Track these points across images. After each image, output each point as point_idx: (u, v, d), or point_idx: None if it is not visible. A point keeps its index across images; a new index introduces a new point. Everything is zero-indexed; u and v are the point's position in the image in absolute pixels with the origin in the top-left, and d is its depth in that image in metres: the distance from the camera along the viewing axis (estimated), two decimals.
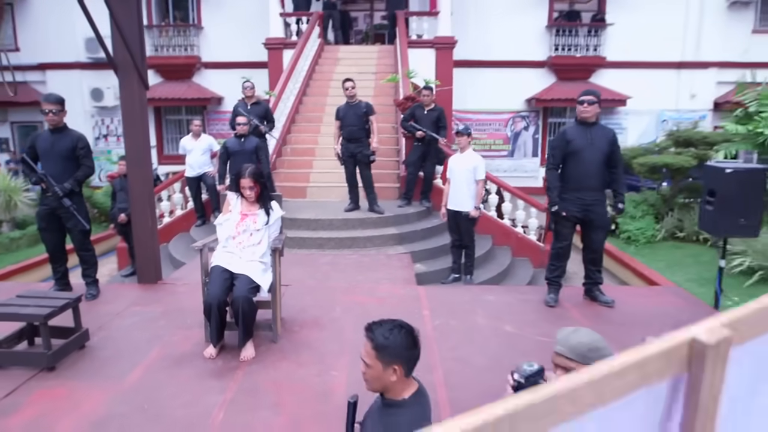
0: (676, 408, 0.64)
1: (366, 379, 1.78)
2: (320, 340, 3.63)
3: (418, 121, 7.16)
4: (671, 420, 0.64)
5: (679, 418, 0.64)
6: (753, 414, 0.73)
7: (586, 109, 4.04)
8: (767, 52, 14.54)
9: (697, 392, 0.63)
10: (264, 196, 3.52)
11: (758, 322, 0.67)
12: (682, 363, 0.63)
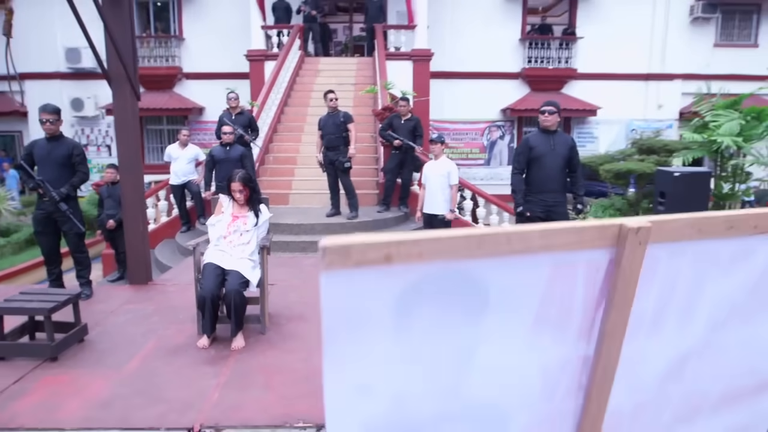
0: (609, 274, 0.86)
1: None
2: (305, 331, 3.92)
3: (396, 131, 7.51)
4: (606, 283, 0.87)
5: (609, 283, 0.87)
6: (666, 303, 0.96)
7: (547, 119, 4.42)
8: (728, 65, 15.29)
9: (620, 264, 0.85)
10: (253, 200, 3.82)
11: (676, 231, 0.90)
12: (613, 239, 0.84)
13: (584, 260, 0.84)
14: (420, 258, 0.68)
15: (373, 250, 0.65)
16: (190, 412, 2.79)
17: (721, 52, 15.98)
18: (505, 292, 0.79)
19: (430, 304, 0.73)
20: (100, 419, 2.73)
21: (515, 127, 15.92)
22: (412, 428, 0.81)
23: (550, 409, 0.93)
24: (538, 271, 0.80)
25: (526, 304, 0.82)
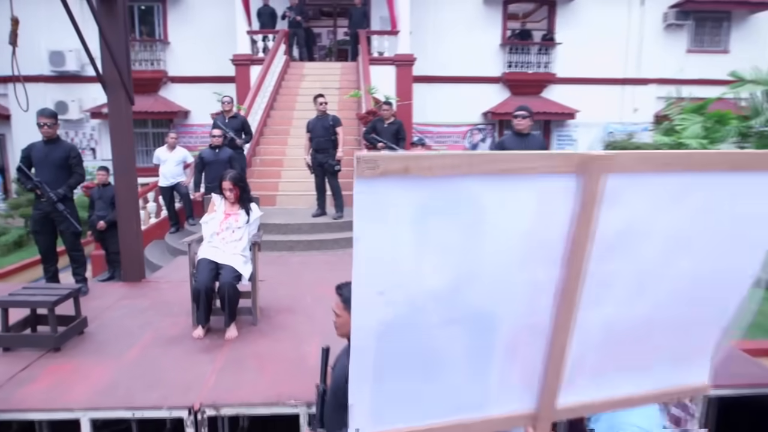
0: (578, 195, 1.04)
1: (336, 326, 2.33)
2: (294, 323, 4.16)
3: (379, 134, 7.79)
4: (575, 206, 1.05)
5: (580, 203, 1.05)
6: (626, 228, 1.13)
7: (520, 122, 4.74)
8: (700, 70, 15.83)
9: (583, 187, 1.01)
10: (244, 199, 4.06)
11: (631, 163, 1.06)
12: (577, 165, 1.00)
13: (557, 184, 1.03)
14: (430, 171, 0.91)
15: (396, 162, 0.89)
16: (190, 393, 3.02)
17: (693, 57, 16.53)
18: (497, 209, 1.00)
19: (438, 217, 0.96)
20: (105, 401, 2.95)
21: (496, 129, 16.29)
22: (412, 328, 1.07)
23: (531, 318, 1.19)
24: (521, 191, 1.01)
25: (514, 223, 1.04)
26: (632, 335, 1.33)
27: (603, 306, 1.24)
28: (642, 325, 1.32)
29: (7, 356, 3.52)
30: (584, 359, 1.32)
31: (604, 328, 1.29)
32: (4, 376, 3.22)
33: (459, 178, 0.95)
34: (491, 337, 1.19)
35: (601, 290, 1.21)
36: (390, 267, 0.99)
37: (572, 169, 1.02)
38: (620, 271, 1.20)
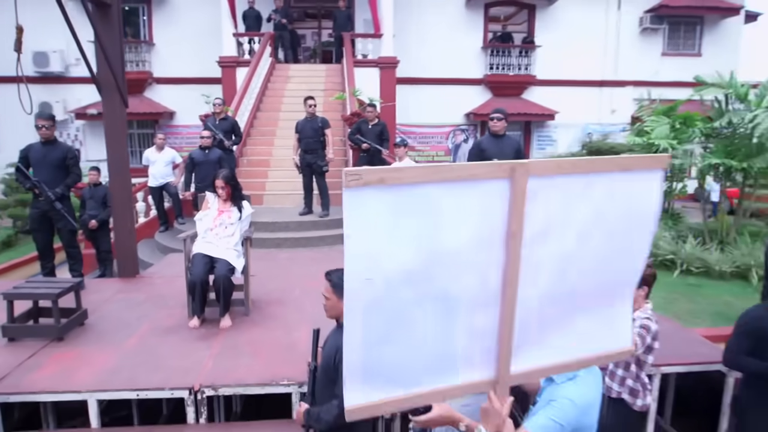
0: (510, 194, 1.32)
1: (326, 308, 2.60)
2: (284, 313, 4.42)
3: (364, 135, 8.06)
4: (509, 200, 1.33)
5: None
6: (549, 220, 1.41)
7: (495, 124, 5.04)
8: (674, 73, 16.37)
9: (513, 188, 1.28)
10: (236, 197, 4.30)
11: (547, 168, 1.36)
12: (507, 172, 1.27)
13: (494, 186, 1.33)
14: (400, 181, 1.20)
15: (373, 175, 1.16)
16: (190, 375, 3.27)
17: (668, 60, 17.10)
18: (452, 208, 1.29)
19: (407, 216, 1.24)
20: (110, 383, 3.18)
21: (478, 130, 16.66)
22: (392, 307, 1.34)
23: (483, 297, 1.47)
24: (469, 193, 1.30)
25: (465, 218, 1.32)
26: (564, 306, 1.63)
27: (538, 283, 1.54)
28: (570, 297, 1.62)
29: (13, 346, 3.72)
30: (528, 330, 1.60)
31: (540, 302, 1.59)
32: (11, 364, 3.43)
33: (422, 185, 1.25)
34: (454, 314, 1.47)
35: (535, 270, 1.51)
36: (373, 257, 1.26)
37: (505, 174, 1.33)
38: (547, 253, 1.51)
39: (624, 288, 1.70)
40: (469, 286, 1.44)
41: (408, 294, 1.36)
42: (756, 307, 3.13)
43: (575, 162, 1.44)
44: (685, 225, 8.50)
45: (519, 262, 1.45)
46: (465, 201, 1.31)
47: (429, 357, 1.51)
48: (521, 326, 1.57)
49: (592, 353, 1.76)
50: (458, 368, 1.58)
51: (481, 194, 1.32)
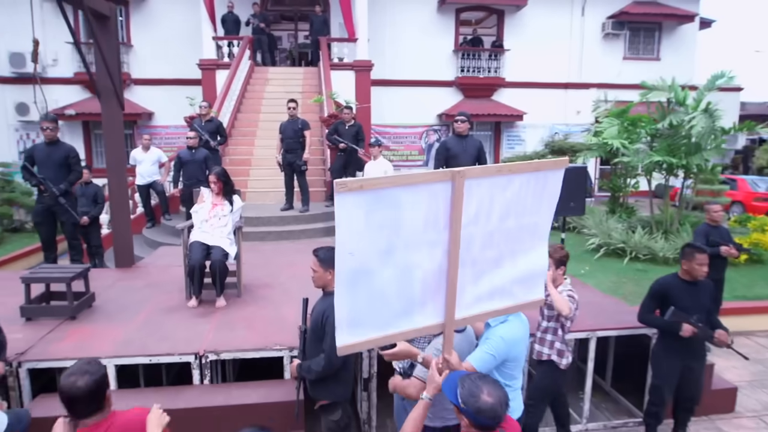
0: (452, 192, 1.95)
1: (314, 279, 3.15)
2: (273, 294, 4.95)
3: (341, 135, 8.61)
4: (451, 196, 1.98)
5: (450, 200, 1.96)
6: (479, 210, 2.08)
7: (459, 126, 5.65)
8: (635, 75, 17.22)
9: (454, 188, 1.90)
10: (228, 191, 4.82)
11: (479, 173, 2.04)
12: (450, 176, 1.87)
13: (441, 187, 1.95)
14: (375, 186, 1.80)
15: (355, 183, 1.76)
16: (194, 344, 3.79)
17: (629, 64, 18.01)
18: (410, 204, 1.90)
19: (379, 211, 1.84)
20: (125, 350, 3.69)
21: (450, 131, 17.31)
22: (369, 273, 1.92)
23: (433, 264, 2.07)
24: (422, 192, 1.91)
25: (420, 211, 1.93)
26: (492, 269, 2.26)
27: (472, 252, 2.17)
28: (496, 261, 2.26)
29: (31, 324, 4.18)
30: (466, 287, 2.22)
31: (474, 266, 2.21)
32: (34, 338, 3.90)
33: (389, 188, 1.87)
34: (412, 277, 2.07)
35: (469, 243, 2.15)
36: (355, 239, 1.85)
37: (448, 178, 1.98)
38: (479, 232, 2.15)
39: (535, 252, 2.34)
40: (423, 257, 2.08)
41: (379, 264, 1.97)
42: (666, 275, 3.81)
43: (500, 167, 2.09)
44: (636, 218, 9.27)
45: (458, 238, 2.07)
46: (419, 198, 1.96)
47: (395, 308, 2.12)
48: (461, 284, 2.19)
49: (515, 302, 2.40)
50: (416, 316, 2.18)
51: (431, 193, 1.98)
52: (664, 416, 3.99)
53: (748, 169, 19.18)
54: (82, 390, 1.89)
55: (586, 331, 4.24)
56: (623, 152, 8.17)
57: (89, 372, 1.95)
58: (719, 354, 5.47)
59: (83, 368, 1.96)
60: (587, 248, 8.36)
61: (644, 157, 7.75)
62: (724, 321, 5.25)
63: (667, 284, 3.74)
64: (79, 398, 1.90)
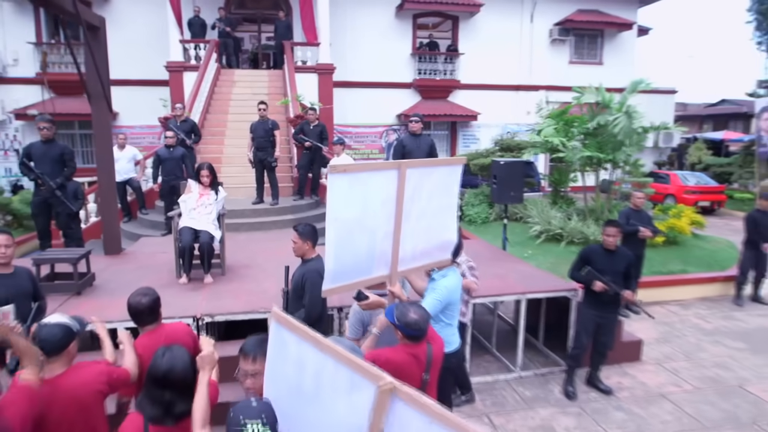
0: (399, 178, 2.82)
1: (294, 250, 3.92)
2: (253, 272, 5.68)
3: (306, 134, 9.34)
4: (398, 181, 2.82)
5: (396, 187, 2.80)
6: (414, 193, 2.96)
7: (413, 126, 6.50)
8: (580, 79, 18.45)
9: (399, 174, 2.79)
10: (214, 183, 5.51)
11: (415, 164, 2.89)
12: (397, 166, 2.78)
13: (391, 174, 2.81)
14: (353, 170, 2.64)
15: (342, 168, 2.59)
16: (190, 309, 4.49)
17: (574, 67, 19.28)
18: (374, 184, 2.74)
19: (354, 187, 2.67)
20: None
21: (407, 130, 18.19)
22: (348, 235, 2.73)
23: (386, 229, 2.90)
24: (380, 177, 2.78)
25: (379, 189, 2.78)
26: (422, 236, 3.11)
27: (410, 221, 3.01)
28: (425, 231, 3.11)
29: None
30: (406, 248, 3.06)
31: (412, 233, 3.06)
32: (48, 309, 4.51)
33: (360, 172, 2.71)
34: (374, 238, 2.89)
35: (408, 214, 2.98)
36: (338, 207, 2.65)
37: (396, 168, 2.80)
38: (414, 207, 3.01)
39: (448, 222, 3.23)
40: (381, 223, 2.89)
41: (355, 227, 2.76)
42: (592, 245, 4.83)
43: (427, 161, 2.98)
44: (573, 207, 10.36)
45: (402, 210, 2.91)
46: (380, 181, 2.81)
47: (362, 262, 2.93)
48: (402, 245, 3.02)
49: (435, 260, 3.25)
50: (374, 269, 3.00)
51: (387, 177, 2.83)
52: (583, 361, 4.94)
53: (682, 165, 20.79)
54: (144, 305, 2.74)
55: (518, 294, 5.15)
56: (560, 149, 9.21)
57: (148, 294, 2.81)
58: (636, 319, 6.52)
59: (143, 292, 2.82)
60: (531, 235, 9.36)
61: (577, 153, 8.80)
62: (643, 292, 6.45)
63: (590, 250, 4.75)
64: (142, 311, 2.74)
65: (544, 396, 4.93)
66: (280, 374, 1.91)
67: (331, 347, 1.67)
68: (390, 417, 1.52)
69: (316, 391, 1.76)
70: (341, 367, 1.65)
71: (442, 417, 1.37)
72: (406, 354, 2.72)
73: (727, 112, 30.89)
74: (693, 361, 5.66)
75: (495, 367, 5.42)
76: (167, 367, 2.24)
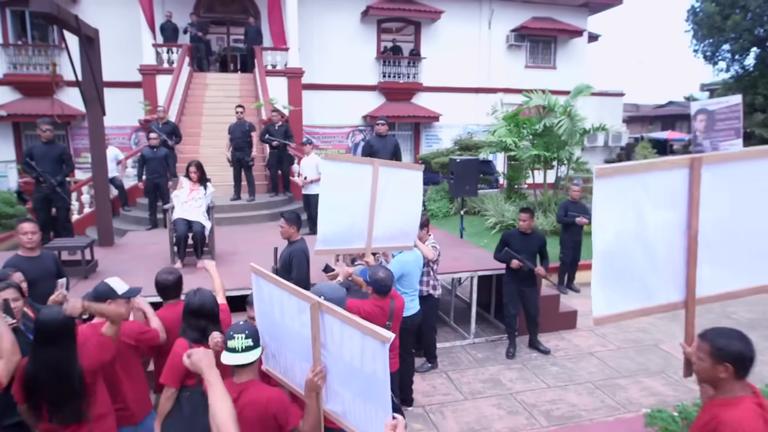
0: (375, 174, 3.71)
1: (282, 233, 4.67)
2: (239, 258, 6.40)
3: (273, 135, 10.01)
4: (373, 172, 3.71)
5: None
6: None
7: (380, 128, 7.33)
8: (535, 82, 19.61)
9: (374, 172, 3.69)
10: (203, 179, 6.20)
11: (388, 164, 3.76)
12: (371, 163, 3.70)
13: (368, 168, 3.67)
14: (340, 159, 3.64)
15: (332, 156, 3.46)
16: (188, 287, 5.18)
17: (530, 71, 20.44)
18: (355, 176, 3.58)
19: (342, 174, 3.56)
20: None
21: (374, 130, 18.95)
22: (336, 209, 3.57)
23: (363, 218, 3.73)
24: (354, 167, 3.64)
25: (360, 182, 3.62)
26: (390, 223, 3.97)
27: (382, 211, 3.85)
28: (393, 220, 4.00)
29: None
30: (378, 230, 3.90)
31: (383, 220, 3.88)
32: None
33: (344, 162, 3.64)
34: (355, 217, 3.78)
35: (381, 205, 3.86)
36: (328, 185, 3.51)
37: (370, 163, 3.65)
38: (385, 199, 3.92)
39: (412, 216, 4.10)
40: (359, 207, 3.71)
41: (340, 204, 3.60)
42: (511, 230, 5.73)
43: (394, 163, 3.82)
44: (525, 201, 11.39)
45: (375, 199, 3.75)
46: (359, 171, 3.67)
47: (345, 233, 3.77)
48: (375, 227, 3.85)
49: (401, 244, 4.11)
50: (354, 241, 3.83)
51: (364, 170, 3.66)
52: (517, 325, 5.85)
53: None
54: (171, 281, 3.40)
55: (471, 271, 6.04)
56: (512, 148, 10.20)
57: (173, 273, 3.46)
58: (575, 296, 7.51)
59: (169, 271, 3.48)
60: (487, 226, 10.32)
61: (527, 152, 9.79)
62: (581, 275, 7.44)
63: (508, 234, 5.66)
64: (168, 287, 3.41)
65: (494, 357, 5.83)
66: (262, 310, 2.64)
67: (287, 285, 2.39)
68: (321, 326, 2.19)
69: (281, 317, 2.45)
70: (292, 297, 2.34)
71: (351, 321, 2.04)
72: (374, 305, 3.54)
73: (674, 113, 32.92)
74: (619, 328, 6.66)
75: (452, 335, 6.30)
76: (200, 302, 2.98)
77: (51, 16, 5.25)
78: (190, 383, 2.98)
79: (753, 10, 16.75)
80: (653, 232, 2.35)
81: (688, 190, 2.34)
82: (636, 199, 2.30)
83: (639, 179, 2.29)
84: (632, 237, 2.34)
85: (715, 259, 2.46)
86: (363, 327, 1.97)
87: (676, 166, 2.34)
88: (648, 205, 2.32)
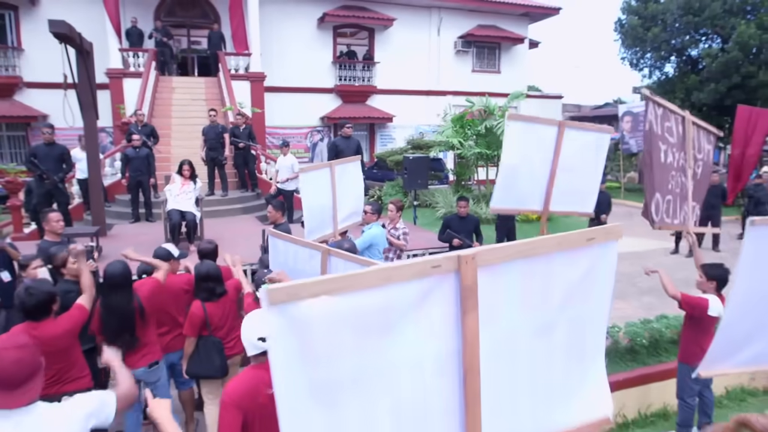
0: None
1: (269, 216, 5.72)
2: (225, 243, 7.32)
3: (238, 137, 10.90)
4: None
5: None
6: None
7: (346, 130, 8.46)
8: (481, 85, 21.03)
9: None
10: (193, 175, 7.16)
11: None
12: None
13: (326, 170, 4.80)
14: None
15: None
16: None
17: (477, 75, 21.91)
18: (321, 177, 4.69)
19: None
20: None
21: (331, 131, 20.03)
22: (315, 208, 4.68)
23: (331, 209, 4.88)
24: (321, 172, 4.74)
25: (322, 182, 4.73)
26: (348, 213, 5.11)
27: (341, 207, 4.98)
28: (352, 213, 5.12)
29: None
30: (342, 216, 5.05)
31: (340, 212, 5.04)
32: None
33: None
34: (326, 208, 4.87)
35: (340, 202, 4.95)
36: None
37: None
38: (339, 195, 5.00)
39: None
40: (327, 201, 4.85)
41: (315, 196, 4.72)
42: (451, 214, 6.97)
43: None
44: (472, 194, 12.77)
45: (336, 198, 4.87)
46: (322, 173, 4.72)
47: (325, 219, 4.88)
48: (339, 215, 4.99)
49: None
50: (326, 227, 4.96)
51: (325, 172, 4.75)
52: None
53: None
54: (210, 248, 4.46)
55: (422, 249, 7.25)
56: (458, 147, 11.52)
57: (212, 243, 4.55)
58: None
59: (209, 241, 4.58)
60: (437, 217, 11.59)
61: (471, 150, 11.13)
62: None
63: (449, 218, 6.89)
64: (210, 252, 4.45)
65: None
66: (279, 262, 3.49)
67: (298, 240, 3.49)
68: (329, 266, 3.01)
69: (295, 264, 3.25)
70: (305, 248, 3.24)
71: (354, 258, 3.08)
72: None
73: (610, 114, 35.31)
74: None
75: None
76: (206, 270, 4.02)
77: (65, 35, 6.10)
78: (204, 333, 4.02)
79: (670, 23, 18.78)
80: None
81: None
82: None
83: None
84: (529, 160, 3.87)
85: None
86: (363, 261, 3.09)
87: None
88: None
